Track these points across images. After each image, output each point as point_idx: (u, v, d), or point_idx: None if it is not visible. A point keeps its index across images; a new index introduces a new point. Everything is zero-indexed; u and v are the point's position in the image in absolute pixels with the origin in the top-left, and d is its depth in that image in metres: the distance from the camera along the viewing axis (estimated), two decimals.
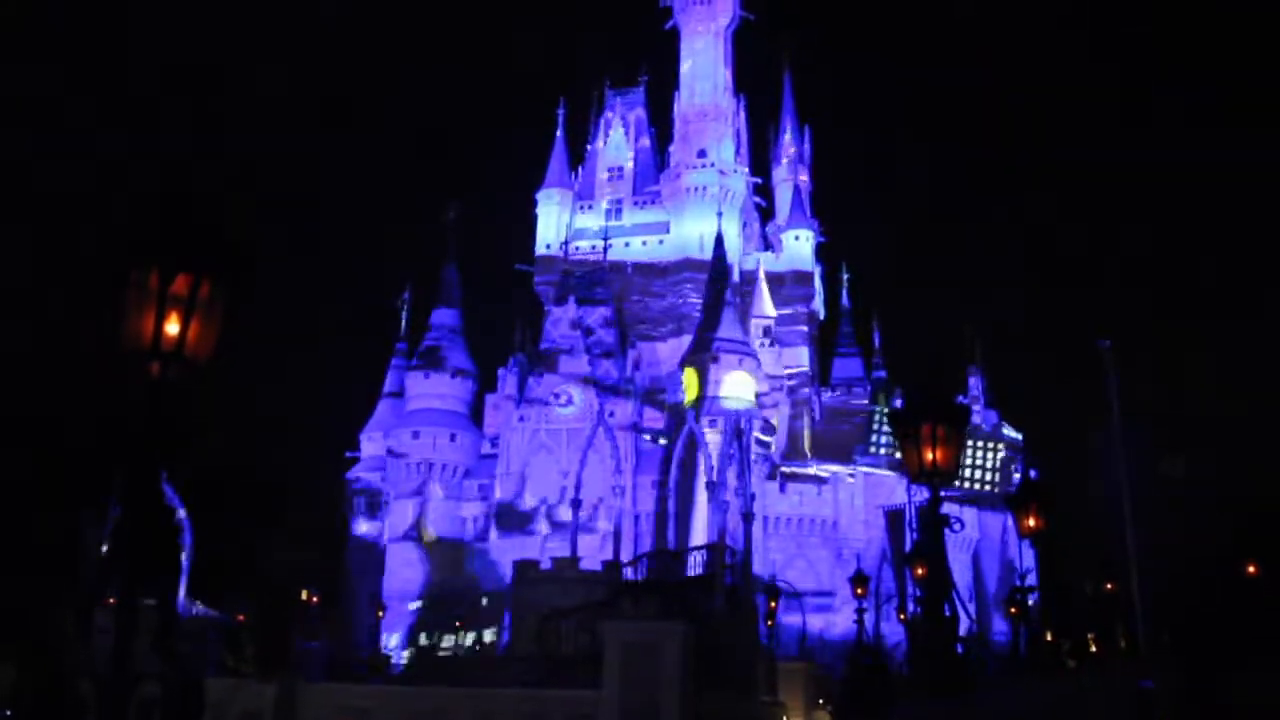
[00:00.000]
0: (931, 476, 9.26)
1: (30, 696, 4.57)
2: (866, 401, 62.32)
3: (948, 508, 9.68)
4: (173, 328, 5.23)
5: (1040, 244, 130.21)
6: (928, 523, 9.21)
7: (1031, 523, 15.66)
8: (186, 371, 5.28)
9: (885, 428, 58.77)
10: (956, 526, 9.61)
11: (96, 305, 5.31)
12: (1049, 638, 27.48)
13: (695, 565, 29.97)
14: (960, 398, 55.65)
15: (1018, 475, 59.42)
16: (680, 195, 67.59)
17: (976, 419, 59.37)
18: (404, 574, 57.75)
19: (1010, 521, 53.68)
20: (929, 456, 9.25)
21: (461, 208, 65.59)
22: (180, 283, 5.23)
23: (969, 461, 57.89)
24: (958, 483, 50.81)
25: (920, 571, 25.09)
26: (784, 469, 59.66)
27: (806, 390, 66.78)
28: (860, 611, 31.91)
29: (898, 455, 58.02)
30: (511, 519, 56.68)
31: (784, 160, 77.08)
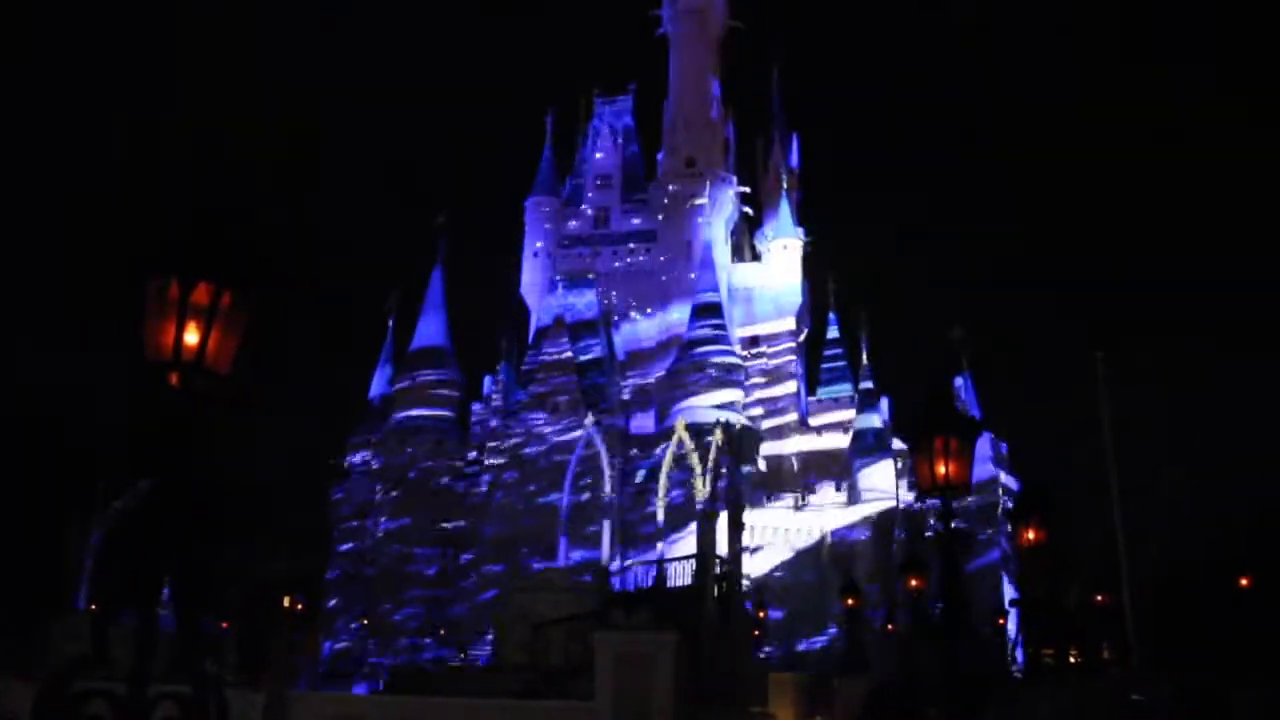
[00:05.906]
0: (943, 490, 9.14)
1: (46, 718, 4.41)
2: (853, 410, 62.26)
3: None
4: (192, 338, 5.10)
5: (1035, 248, 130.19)
6: (943, 536, 9.12)
7: (1031, 535, 15.65)
8: (207, 383, 5.14)
9: (871, 438, 58.71)
10: (983, 537, 9.53)
11: (116, 314, 5.17)
12: (1036, 651, 27.47)
13: (685, 575, 29.76)
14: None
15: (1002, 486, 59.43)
16: (668, 203, 67.53)
17: None
18: None
19: (994, 533, 53.78)
20: (941, 470, 9.15)
21: (447, 218, 65.30)
22: (201, 292, 5.09)
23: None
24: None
25: (913, 583, 25.07)
26: (770, 478, 59.61)
27: (794, 399, 66.72)
28: (850, 621, 31.87)
29: (885, 465, 57.79)
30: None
31: (772, 169, 77.10)
